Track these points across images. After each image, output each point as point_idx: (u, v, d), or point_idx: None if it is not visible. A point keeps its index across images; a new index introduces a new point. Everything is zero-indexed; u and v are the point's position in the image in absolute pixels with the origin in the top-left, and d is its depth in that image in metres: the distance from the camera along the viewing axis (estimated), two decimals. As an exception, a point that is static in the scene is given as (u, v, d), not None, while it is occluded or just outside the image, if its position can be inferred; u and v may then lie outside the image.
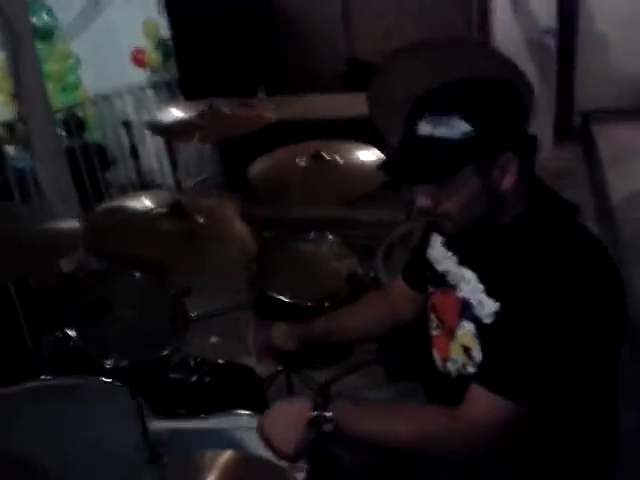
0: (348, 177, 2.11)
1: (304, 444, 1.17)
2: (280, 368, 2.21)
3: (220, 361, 1.89)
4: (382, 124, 2.29)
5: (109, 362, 1.50)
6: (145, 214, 1.91)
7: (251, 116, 2.31)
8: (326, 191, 2.09)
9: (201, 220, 1.88)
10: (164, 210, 1.87)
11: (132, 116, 4.23)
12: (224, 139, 2.63)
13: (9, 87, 3.65)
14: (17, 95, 3.27)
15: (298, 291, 1.92)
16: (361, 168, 2.13)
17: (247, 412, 1.42)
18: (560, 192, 1.25)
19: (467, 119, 1.10)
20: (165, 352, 1.60)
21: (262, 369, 1.96)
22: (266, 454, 1.19)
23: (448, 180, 1.14)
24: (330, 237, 2.11)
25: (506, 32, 4.09)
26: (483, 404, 1.13)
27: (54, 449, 1.20)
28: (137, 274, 1.73)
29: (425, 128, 1.13)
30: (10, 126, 3.76)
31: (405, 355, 1.92)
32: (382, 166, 1.24)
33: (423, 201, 1.19)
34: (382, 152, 2.08)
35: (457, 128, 1.10)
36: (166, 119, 2.33)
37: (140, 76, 5.00)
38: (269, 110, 2.36)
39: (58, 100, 4.74)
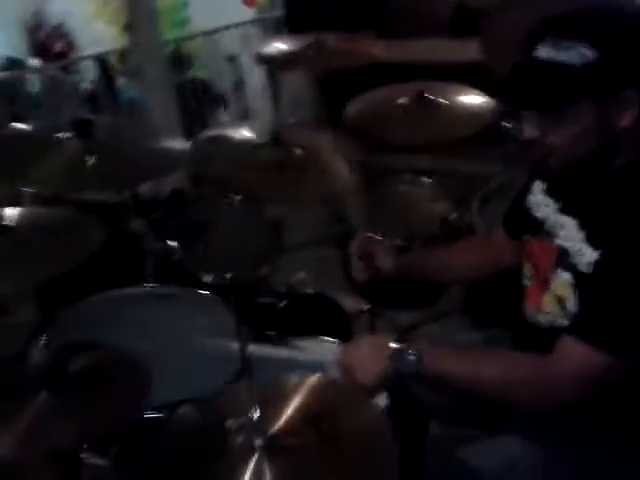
0: (450, 120, 2.05)
1: (385, 377, 1.16)
2: (366, 307, 2.24)
3: (309, 291, 1.94)
4: (497, 69, 2.21)
5: (207, 278, 1.56)
6: (246, 143, 1.95)
7: (357, 51, 2.28)
8: (426, 133, 2.06)
9: (299, 152, 1.90)
10: (264, 140, 1.91)
11: (237, 52, 4.28)
12: (329, 71, 2.62)
13: (122, 18, 3.78)
14: (130, 25, 3.38)
15: (390, 230, 1.92)
16: (464, 111, 2.07)
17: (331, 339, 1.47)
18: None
19: (591, 46, 1.04)
20: (257, 274, 1.65)
21: (350, 305, 1.99)
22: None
23: (562, 109, 1.08)
24: (426, 180, 2.09)
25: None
26: (575, 353, 1.09)
27: (152, 349, 1.28)
28: (237, 198, 1.78)
29: (545, 51, 1.08)
30: (122, 57, 3.90)
31: (492, 306, 1.89)
32: (494, 88, 1.20)
33: (530, 130, 1.13)
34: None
35: (580, 54, 1.04)
36: (272, 51, 2.34)
37: (248, 15, 5.02)
38: (376, 46, 2.33)
39: (167, 36, 4.85)
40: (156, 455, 1.04)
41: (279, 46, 2.34)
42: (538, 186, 1.34)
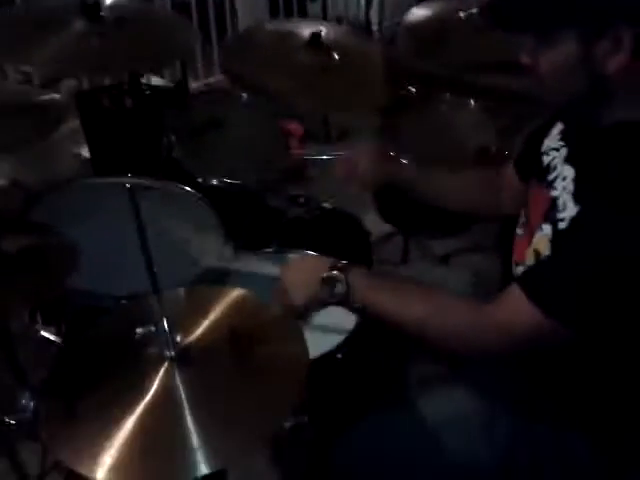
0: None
1: (314, 300, 1.16)
2: (395, 230, 2.17)
3: (329, 205, 1.89)
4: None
5: (203, 178, 1.55)
6: (287, 42, 1.88)
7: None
8: (485, 50, 1.88)
9: (337, 57, 1.81)
10: (304, 40, 1.82)
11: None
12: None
13: None
14: None
15: (419, 153, 1.80)
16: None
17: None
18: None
19: None
20: (260, 179, 1.61)
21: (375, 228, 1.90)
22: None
23: (544, 35, 1.00)
24: (472, 103, 1.92)
25: None
26: (514, 302, 1.02)
27: (118, 239, 1.30)
28: (249, 98, 1.72)
29: None
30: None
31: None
32: (484, 9, 1.09)
33: (524, 56, 1.06)
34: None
35: None
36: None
37: None
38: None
39: None
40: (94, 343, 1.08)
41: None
42: (557, 127, 1.22)
